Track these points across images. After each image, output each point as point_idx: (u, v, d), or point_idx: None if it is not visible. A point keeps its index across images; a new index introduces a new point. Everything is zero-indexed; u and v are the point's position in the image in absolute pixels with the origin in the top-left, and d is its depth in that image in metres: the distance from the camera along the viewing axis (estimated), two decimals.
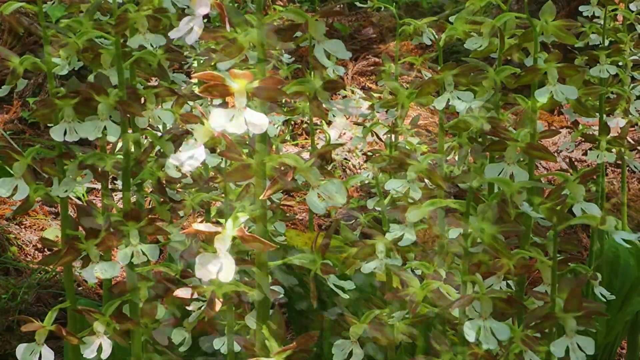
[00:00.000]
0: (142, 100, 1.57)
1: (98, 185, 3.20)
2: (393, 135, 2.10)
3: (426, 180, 1.52)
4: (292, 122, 3.60)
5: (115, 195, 2.85)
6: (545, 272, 1.42)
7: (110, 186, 3.28)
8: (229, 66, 1.23)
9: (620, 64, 2.27)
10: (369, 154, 3.21)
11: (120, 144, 1.50)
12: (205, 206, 1.63)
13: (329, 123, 3.70)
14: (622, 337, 2.42)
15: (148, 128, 1.56)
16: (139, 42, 1.43)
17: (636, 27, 2.33)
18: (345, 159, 3.50)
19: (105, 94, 1.40)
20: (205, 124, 1.20)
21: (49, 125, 1.47)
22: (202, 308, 1.50)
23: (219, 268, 1.19)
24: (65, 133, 1.40)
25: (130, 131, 1.51)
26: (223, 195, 1.70)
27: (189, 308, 1.50)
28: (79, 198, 3.12)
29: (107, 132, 1.40)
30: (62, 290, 2.71)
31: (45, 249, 2.85)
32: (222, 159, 1.76)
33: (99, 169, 1.47)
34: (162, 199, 1.56)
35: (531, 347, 1.28)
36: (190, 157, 1.22)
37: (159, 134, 1.55)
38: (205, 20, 1.85)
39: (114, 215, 1.47)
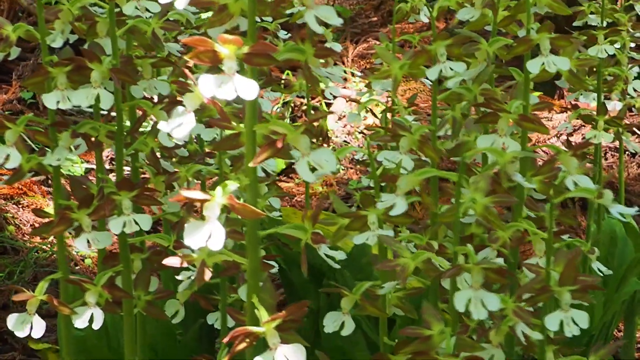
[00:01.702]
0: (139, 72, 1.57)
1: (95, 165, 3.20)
2: (390, 114, 2.10)
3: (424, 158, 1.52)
4: (292, 104, 3.59)
5: (113, 176, 2.85)
6: (538, 245, 1.42)
7: (108, 167, 3.29)
8: (219, 33, 1.22)
9: (617, 45, 2.26)
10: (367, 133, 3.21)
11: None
12: (200, 178, 1.62)
13: (328, 106, 3.70)
14: (619, 317, 2.42)
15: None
16: (132, 9, 1.43)
17: (635, 7, 2.32)
18: (345, 141, 3.49)
19: (98, 61, 1.39)
20: (195, 91, 1.20)
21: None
22: (192, 277, 1.50)
23: (208, 236, 1.19)
24: (58, 102, 1.39)
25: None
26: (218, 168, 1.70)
27: (179, 277, 1.50)
28: None
29: (100, 100, 1.39)
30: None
31: None
32: (217, 134, 1.75)
33: (92, 138, 1.47)
34: (156, 171, 1.56)
35: (523, 318, 1.28)
36: (179, 125, 1.21)
37: None
38: None
39: (108, 186, 1.47)
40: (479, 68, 1.42)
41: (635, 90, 2.29)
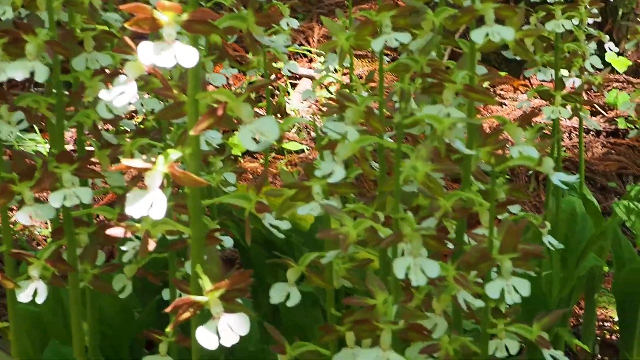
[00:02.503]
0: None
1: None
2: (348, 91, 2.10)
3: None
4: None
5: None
6: (484, 216, 1.42)
7: (72, 147, 3.27)
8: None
9: (575, 21, 2.27)
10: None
11: None
12: (145, 152, 1.62)
13: (294, 86, 3.70)
14: (578, 293, 2.43)
15: None
16: None
17: None
18: (311, 121, 3.49)
19: (33, 33, 1.38)
20: (136, 59, 1.19)
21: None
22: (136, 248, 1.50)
23: (150, 205, 1.18)
24: None
25: None
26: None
27: (123, 248, 1.49)
28: None
29: (35, 73, 1.38)
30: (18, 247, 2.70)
31: None
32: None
33: (33, 112, 1.46)
34: (100, 144, 1.55)
35: (464, 286, 1.28)
36: (120, 93, 1.21)
37: None
38: None
39: (51, 160, 1.46)
40: (425, 39, 1.41)
41: (592, 66, 2.30)
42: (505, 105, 3.74)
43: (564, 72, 2.35)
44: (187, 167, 1.24)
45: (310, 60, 3.89)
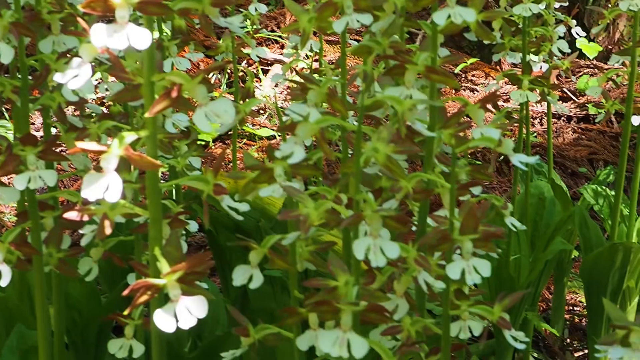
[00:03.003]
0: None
1: None
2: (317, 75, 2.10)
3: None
4: (229, 71, 3.57)
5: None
6: (446, 197, 1.42)
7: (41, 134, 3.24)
8: None
9: (543, 5, 2.27)
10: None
11: None
12: (112, 135, 1.61)
13: (266, 72, 3.69)
14: (546, 277, 2.45)
15: None
16: None
17: None
18: (281, 107, 3.49)
19: None
20: (90, 41, 1.18)
21: None
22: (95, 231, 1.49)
23: (105, 188, 1.18)
24: None
25: None
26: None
27: (82, 231, 1.49)
28: None
29: (0, 54, 1.37)
30: None
31: None
32: None
33: None
34: (66, 127, 1.54)
35: (425, 267, 1.28)
36: (75, 76, 1.20)
37: None
38: None
39: (16, 143, 1.45)
40: (387, 20, 1.41)
41: (559, 50, 2.31)
42: (477, 91, 3.75)
43: (534, 57, 2.36)
44: (145, 149, 1.24)
45: (282, 47, 3.88)
